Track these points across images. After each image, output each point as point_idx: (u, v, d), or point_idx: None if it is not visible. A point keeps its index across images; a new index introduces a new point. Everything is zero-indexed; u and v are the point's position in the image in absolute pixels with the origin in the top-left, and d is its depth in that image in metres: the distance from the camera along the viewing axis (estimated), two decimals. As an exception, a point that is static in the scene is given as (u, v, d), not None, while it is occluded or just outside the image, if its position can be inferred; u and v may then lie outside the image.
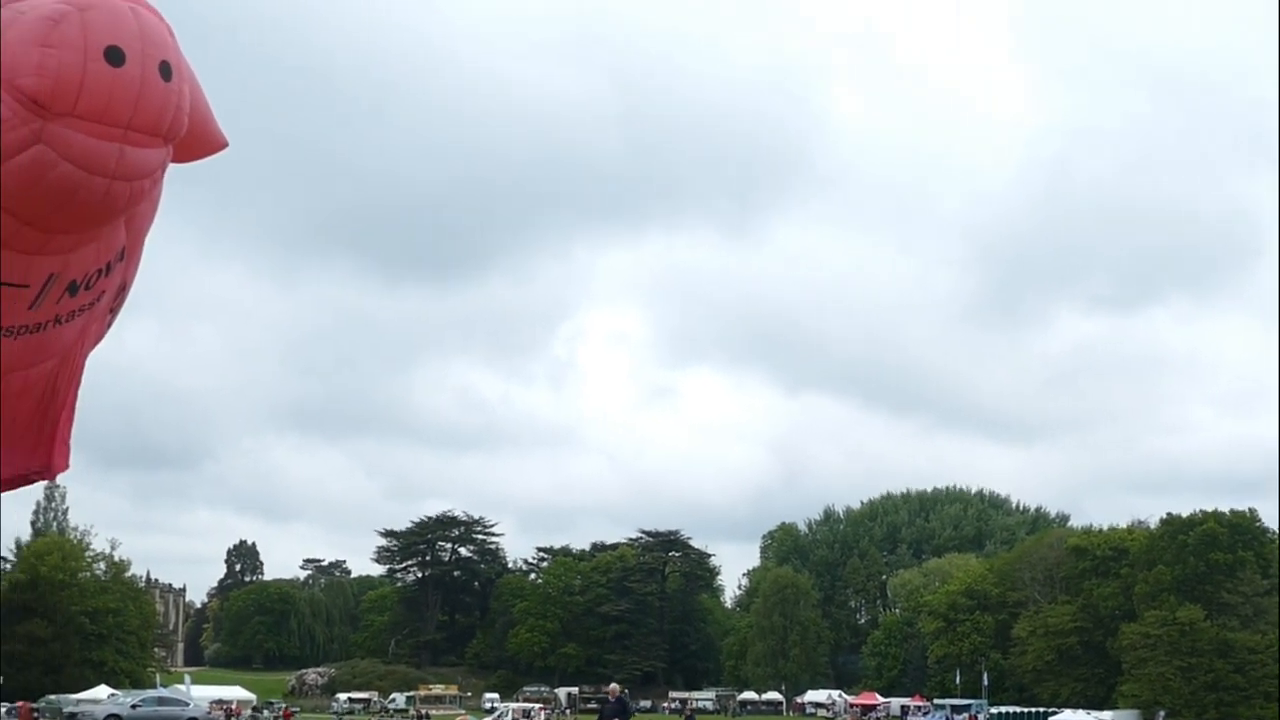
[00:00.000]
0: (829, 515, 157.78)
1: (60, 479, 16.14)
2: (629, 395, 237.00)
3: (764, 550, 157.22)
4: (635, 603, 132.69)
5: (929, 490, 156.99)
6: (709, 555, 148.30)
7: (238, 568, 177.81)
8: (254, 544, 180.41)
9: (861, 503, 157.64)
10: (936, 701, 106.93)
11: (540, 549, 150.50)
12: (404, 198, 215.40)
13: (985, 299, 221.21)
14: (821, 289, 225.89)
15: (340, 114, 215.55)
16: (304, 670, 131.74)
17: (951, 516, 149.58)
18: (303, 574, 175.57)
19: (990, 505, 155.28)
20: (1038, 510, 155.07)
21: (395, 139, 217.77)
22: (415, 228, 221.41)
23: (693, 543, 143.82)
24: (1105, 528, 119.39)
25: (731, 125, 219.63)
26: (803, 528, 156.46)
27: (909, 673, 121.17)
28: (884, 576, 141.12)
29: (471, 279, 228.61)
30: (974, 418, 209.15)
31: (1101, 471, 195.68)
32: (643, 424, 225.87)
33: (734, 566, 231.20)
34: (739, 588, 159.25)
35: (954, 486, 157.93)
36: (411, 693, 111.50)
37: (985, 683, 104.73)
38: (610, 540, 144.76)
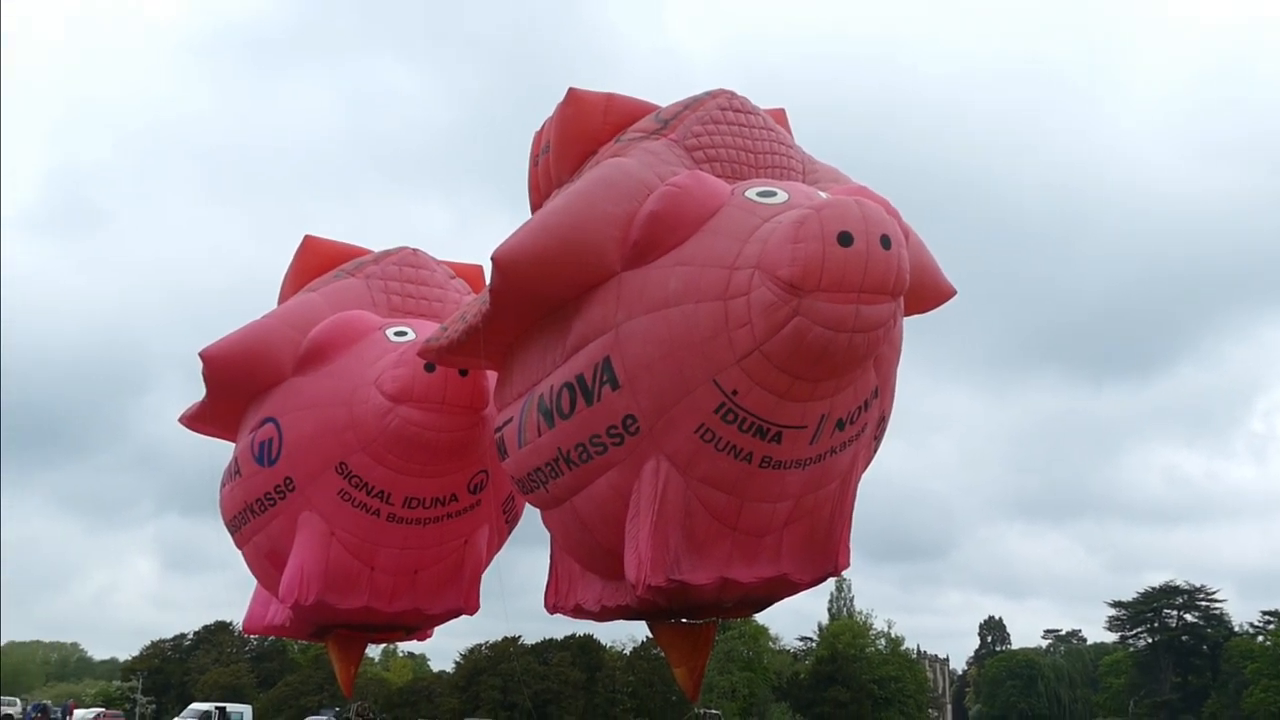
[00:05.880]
0: None
1: (846, 574, 16.83)
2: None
3: None
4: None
5: None
6: None
7: (989, 639, 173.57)
8: (1000, 618, 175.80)
9: None
10: None
11: (1265, 612, 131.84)
12: (1097, 307, 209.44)
13: None
14: None
15: (1033, 245, 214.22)
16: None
17: None
18: (1044, 643, 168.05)
19: None
20: None
21: (1083, 255, 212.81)
22: (1110, 331, 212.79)
23: None
24: None
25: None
26: None
27: None
28: None
29: (1165, 370, 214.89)
30: None
31: None
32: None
33: None
34: None
35: None
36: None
37: None
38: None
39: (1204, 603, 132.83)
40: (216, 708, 64.36)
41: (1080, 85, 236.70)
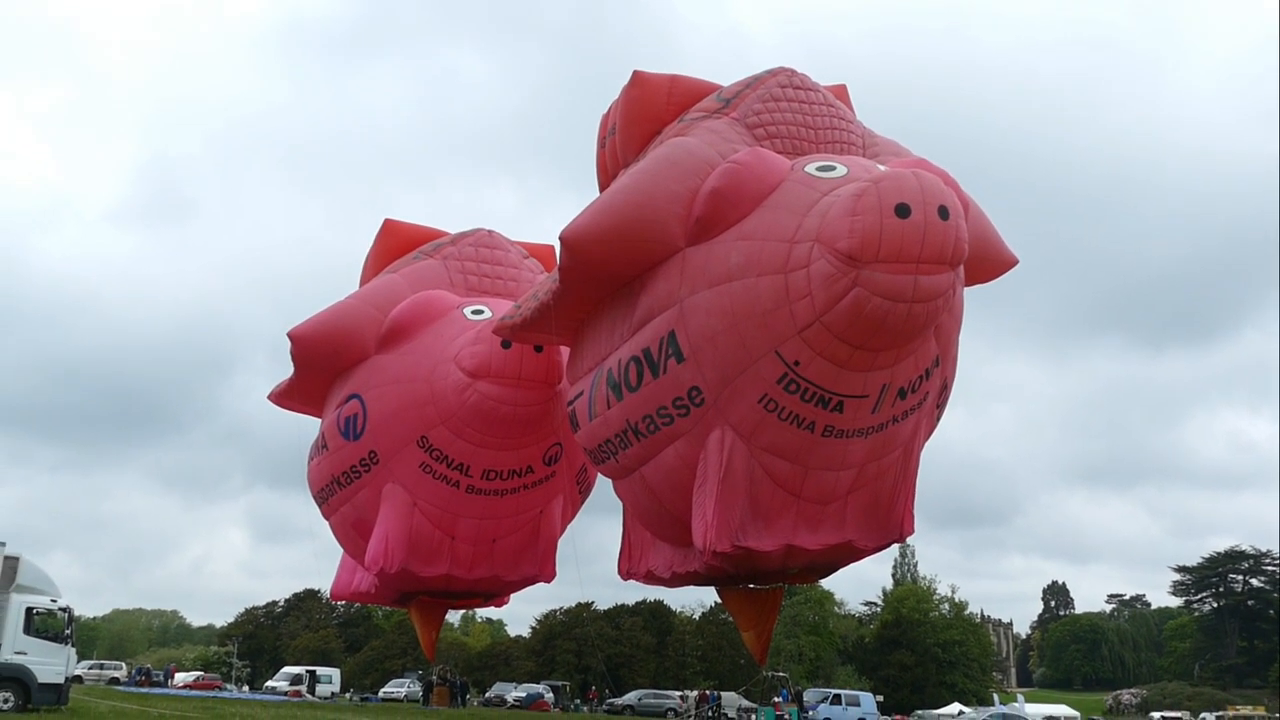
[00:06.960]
0: None
1: (909, 540, 16.78)
2: None
3: None
4: None
5: None
6: None
7: (1052, 603, 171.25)
8: (1064, 583, 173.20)
9: None
10: None
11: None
12: (1159, 272, 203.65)
13: None
14: None
15: (1095, 211, 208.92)
16: (1119, 691, 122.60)
17: None
18: (1108, 607, 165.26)
19: None
20: None
21: (1145, 221, 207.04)
22: (1172, 297, 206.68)
23: None
24: None
25: None
26: None
27: None
28: None
29: (1228, 336, 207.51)
30: None
31: None
32: None
33: None
34: None
35: None
36: (1220, 712, 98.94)
37: None
38: None
39: (1270, 568, 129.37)
40: (307, 671, 65.99)
41: (1143, 50, 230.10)
